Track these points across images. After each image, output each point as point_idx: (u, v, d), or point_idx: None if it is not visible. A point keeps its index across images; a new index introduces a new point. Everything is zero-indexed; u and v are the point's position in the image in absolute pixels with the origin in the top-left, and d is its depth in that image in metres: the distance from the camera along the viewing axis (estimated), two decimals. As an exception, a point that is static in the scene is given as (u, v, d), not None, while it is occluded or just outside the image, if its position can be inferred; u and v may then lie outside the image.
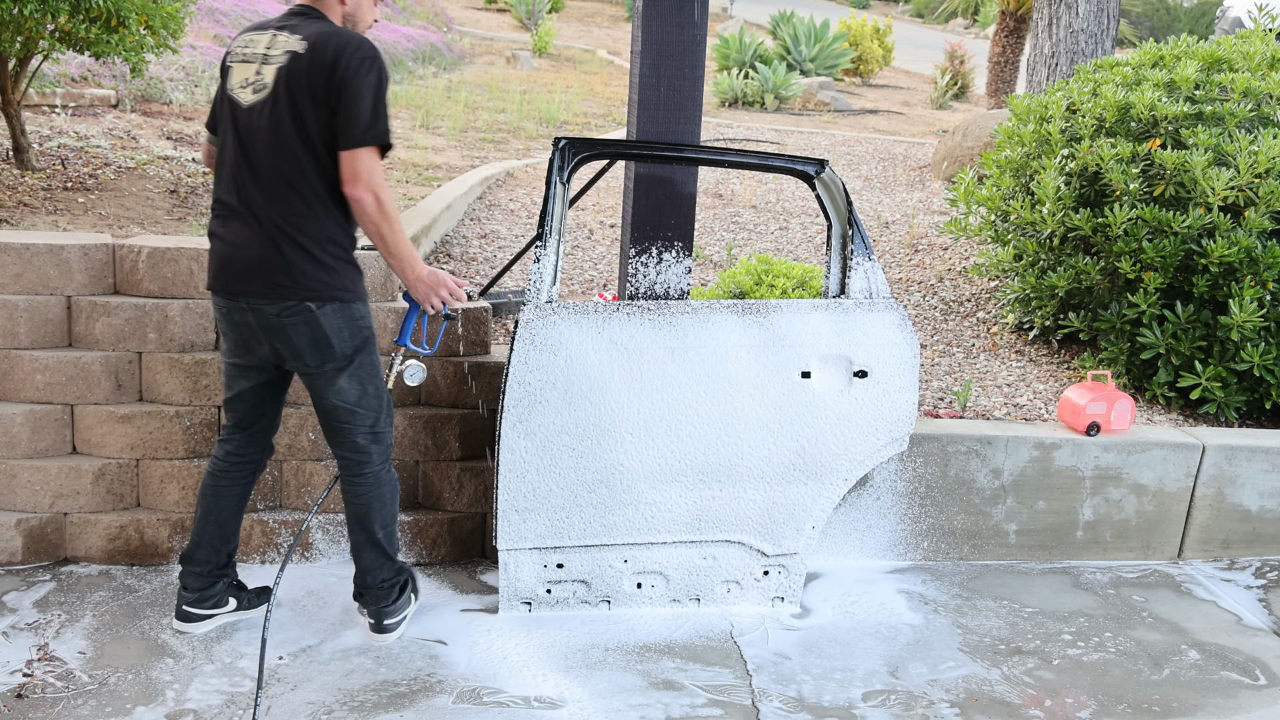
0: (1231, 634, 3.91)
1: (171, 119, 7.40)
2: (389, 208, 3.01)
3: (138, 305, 3.80)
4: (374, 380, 3.28)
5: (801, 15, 15.53)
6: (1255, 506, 4.44)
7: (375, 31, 12.93)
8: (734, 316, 3.60)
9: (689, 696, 3.31)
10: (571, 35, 18.79)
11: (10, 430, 3.75)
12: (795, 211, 7.32)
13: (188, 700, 3.14)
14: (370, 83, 2.97)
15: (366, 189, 2.98)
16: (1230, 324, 4.51)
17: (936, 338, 5.39)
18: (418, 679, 3.31)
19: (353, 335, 3.18)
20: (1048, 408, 4.66)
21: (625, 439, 3.54)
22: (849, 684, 3.44)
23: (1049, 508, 4.31)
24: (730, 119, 11.47)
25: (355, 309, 3.18)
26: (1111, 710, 3.39)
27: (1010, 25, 13.08)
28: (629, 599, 3.75)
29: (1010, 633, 3.82)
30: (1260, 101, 5.08)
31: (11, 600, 3.59)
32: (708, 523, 3.69)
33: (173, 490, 3.86)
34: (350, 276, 3.16)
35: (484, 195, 7.00)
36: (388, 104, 3.02)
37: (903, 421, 3.75)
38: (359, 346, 3.21)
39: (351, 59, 2.96)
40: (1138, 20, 23.95)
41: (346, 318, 3.15)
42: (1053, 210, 5.02)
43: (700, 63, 3.82)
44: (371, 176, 2.97)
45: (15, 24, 4.88)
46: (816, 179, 3.69)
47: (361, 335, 3.21)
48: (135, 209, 5.07)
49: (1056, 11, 8.37)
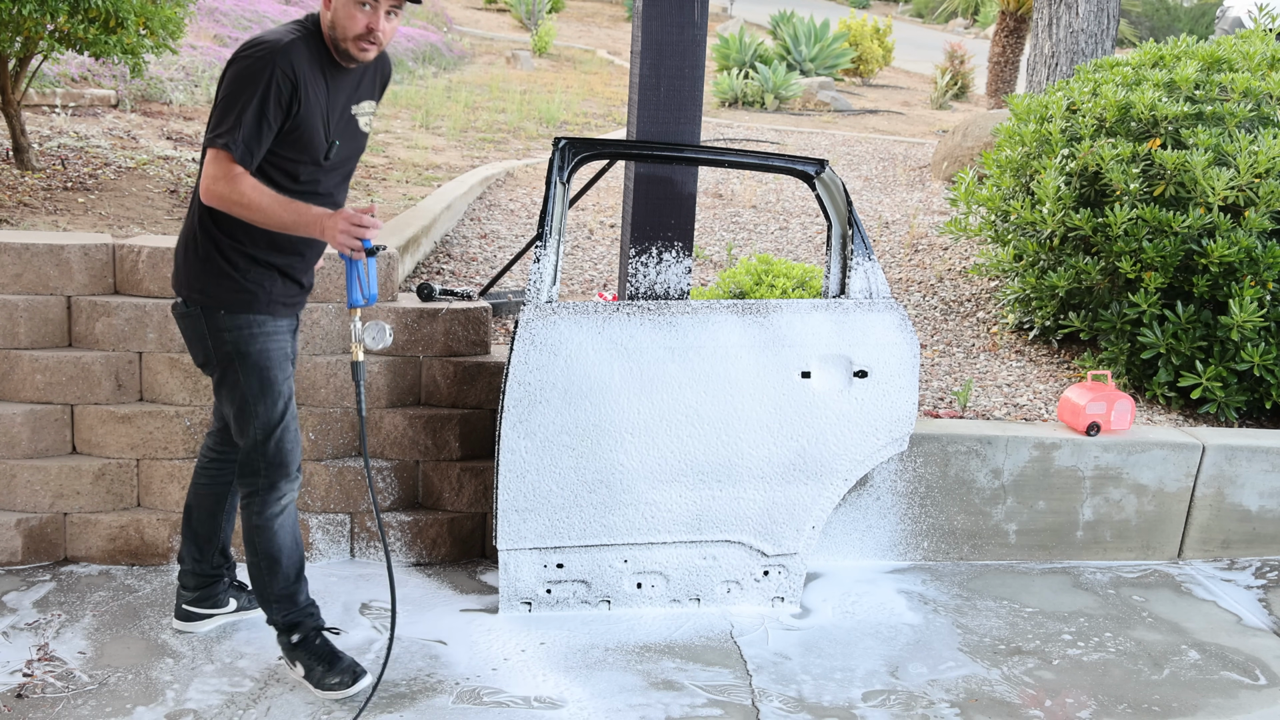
0: (1231, 634, 3.91)
1: (171, 119, 7.40)
2: (238, 198, 2.83)
3: (138, 305, 3.79)
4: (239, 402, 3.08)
5: (801, 15, 15.53)
6: (1255, 506, 4.44)
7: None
8: (734, 316, 3.60)
9: (689, 696, 3.31)
10: (571, 35, 18.79)
11: (10, 430, 3.75)
12: (795, 211, 7.32)
13: (188, 700, 3.14)
14: (228, 81, 2.86)
15: (205, 192, 2.87)
16: (1230, 324, 4.51)
17: (936, 338, 5.39)
18: (418, 679, 3.30)
19: (216, 344, 3.04)
20: (1048, 408, 4.66)
21: (625, 439, 3.53)
22: (849, 684, 3.44)
23: (1049, 508, 4.31)
24: (730, 119, 11.47)
25: (219, 317, 3.02)
26: (1111, 710, 3.39)
27: (1010, 25, 13.08)
28: (629, 599, 3.75)
29: (1010, 633, 3.82)
30: (1260, 101, 5.08)
31: (11, 600, 3.59)
32: (708, 523, 3.69)
33: (173, 490, 3.86)
34: (220, 283, 3.00)
35: (484, 195, 7.00)
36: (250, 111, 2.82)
37: (903, 421, 3.75)
38: (221, 359, 3.05)
39: (233, 60, 2.89)
40: (1138, 20, 23.96)
41: (210, 324, 3.03)
42: (1053, 210, 5.02)
43: (700, 63, 3.82)
44: (212, 182, 2.85)
45: (15, 24, 4.88)
46: (816, 179, 3.69)
47: (223, 348, 3.04)
48: (135, 209, 5.07)
49: (1056, 11, 8.37)
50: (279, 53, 2.84)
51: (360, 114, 3.13)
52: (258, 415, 3.07)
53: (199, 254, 3.01)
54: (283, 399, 3.10)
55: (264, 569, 3.18)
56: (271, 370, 3.07)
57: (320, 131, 2.97)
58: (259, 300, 3.04)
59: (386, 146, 7.73)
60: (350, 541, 4.00)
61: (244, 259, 3.01)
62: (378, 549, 4.01)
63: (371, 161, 7.04)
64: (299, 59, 2.87)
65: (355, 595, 3.77)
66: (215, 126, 2.85)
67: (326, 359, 3.91)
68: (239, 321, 3.02)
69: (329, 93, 2.98)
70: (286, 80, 2.84)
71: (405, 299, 4.07)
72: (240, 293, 3.01)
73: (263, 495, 3.12)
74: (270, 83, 2.82)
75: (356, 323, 3.08)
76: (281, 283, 3.08)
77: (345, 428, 3.96)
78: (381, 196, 6.01)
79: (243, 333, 3.03)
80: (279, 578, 3.19)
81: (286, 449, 3.12)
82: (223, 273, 3.00)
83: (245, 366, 3.04)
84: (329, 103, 2.99)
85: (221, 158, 2.84)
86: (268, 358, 3.06)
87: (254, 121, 2.83)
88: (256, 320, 3.04)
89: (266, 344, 3.06)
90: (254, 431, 3.08)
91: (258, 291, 3.03)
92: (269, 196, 2.86)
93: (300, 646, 3.22)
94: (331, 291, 3.90)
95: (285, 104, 2.86)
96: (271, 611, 3.23)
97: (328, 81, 2.97)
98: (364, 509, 3.97)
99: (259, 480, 3.12)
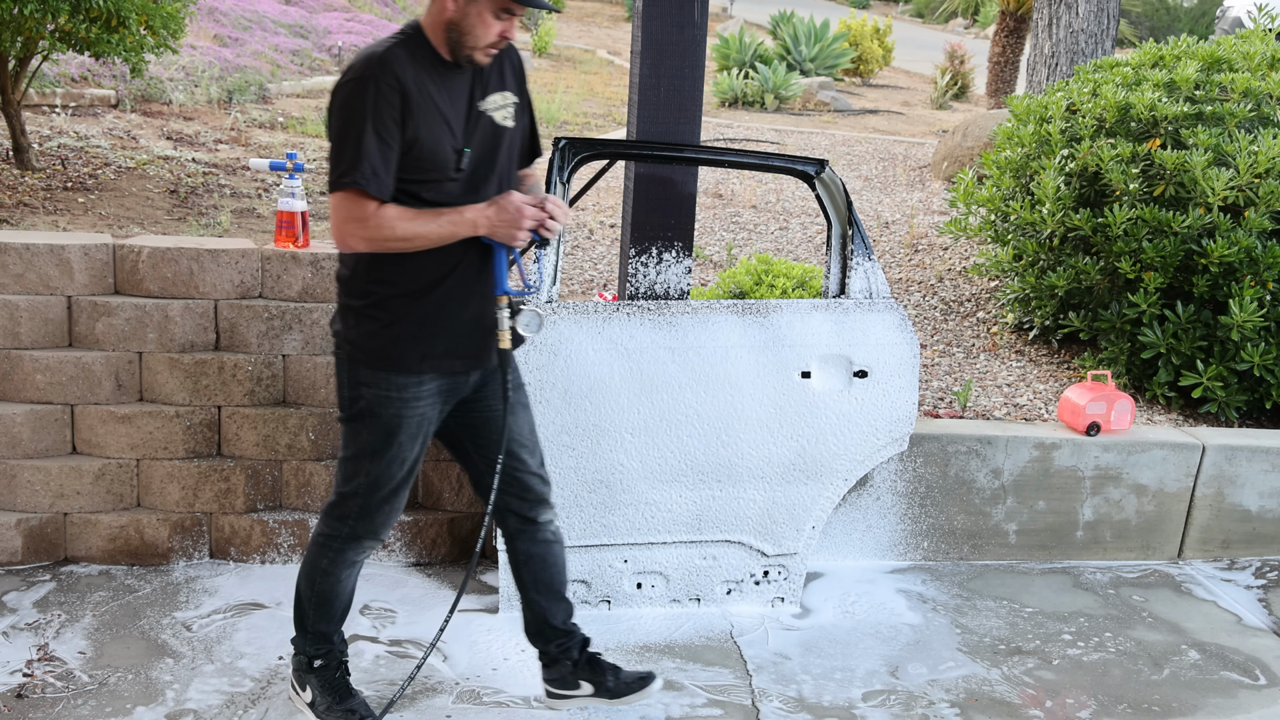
0: (1231, 634, 3.91)
1: (171, 119, 7.40)
2: (385, 237, 2.63)
3: (138, 305, 3.80)
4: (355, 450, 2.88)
5: (801, 15, 15.52)
6: (1255, 506, 4.44)
7: (375, 31, 12.92)
8: (734, 316, 3.60)
9: (689, 696, 3.31)
10: (571, 35, 18.78)
11: (11, 430, 3.75)
12: (795, 211, 7.32)
13: (188, 700, 3.14)
14: (334, 115, 2.62)
15: (342, 242, 2.67)
16: (1230, 324, 4.51)
17: (936, 338, 5.39)
18: (417, 679, 3.30)
19: (352, 396, 2.84)
20: (1048, 408, 4.66)
21: (625, 439, 3.53)
22: (849, 684, 3.44)
23: (1049, 508, 4.31)
24: (730, 119, 11.47)
25: (359, 370, 2.81)
26: (1111, 710, 3.39)
27: (1010, 25, 13.06)
28: (629, 599, 3.75)
29: (1010, 633, 3.82)
30: (1260, 101, 5.08)
31: (11, 600, 3.59)
32: (708, 523, 3.69)
33: (173, 490, 3.86)
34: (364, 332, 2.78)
35: (484, 195, 6.99)
36: (367, 138, 2.57)
37: (903, 421, 3.75)
38: (354, 411, 2.85)
39: (334, 91, 2.64)
40: (1138, 20, 23.95)
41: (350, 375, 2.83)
42: (1052, 210, 5.02)
43: (700, 63, 3.82)
44: (350, 227, 2.63)
45: (15, 24, 4.88)
46: (816, 179, 3.69)
47: (357, 403, 2.82)
48: (135, 209, 5.07)
49: (1056, 11, 8.37)
50: (376, 64, 2.59)
51: (492, 108, 2.79)
52: (369, 473, 2.86)
53: (354, 309, 2.79)
54: (404, 469, 2.87)
55: (313, 605, 3.03)
56: (399, 436, 2.82)
57: (444, 141, 2.68)
58: (406, 359, 2.77)
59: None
60: (350, 541, 3.99)
61: (388, 309, 2.75)
62: (377, 549, 4.00)
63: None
64: (401, 66, 2.60)
65: (355, 596, 3.76)
66: (334, 168, 2.60)
67: (326, 359, 3.91)
68: (378, 380, 2.78)
69: (447, 96, 2.69)
70: (392, 90, 2.58)
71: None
72: (383, 346, 2.77)
73: (341, 543, 2.94)
74: (377, 99, 2.56)
75: (504, 311, 2.81)
76: (433, 337, 2.78)
77: (345, 428, 3.95)
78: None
79: (379, 393, 2.79)
80: (324, 618, 3.05)
81: (384, 516, 2.93)
82: (375, 326, 2.76)
83: (374, 425, 2.82)
84: (450, 106, 2.69)
85: (350, 198, 2.59)
86: (399, 423, 2.81)
87: (374, 146, 2.57)
88: (397, 383, 2.79)
89: (403, 410, 2.80)
90: (359, 483, 2.87)
91: (405, 351, 2.77)
92: (412, 214, 2.64)
93: (316, 672, 3.07)
94: (331, 291, 3.90)
95: (398, 119, 2.59)
96: (303, 640, 3.08)
97: (440, 85, 2.68)
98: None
99: (343, 528, 2.93)
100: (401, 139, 2.61)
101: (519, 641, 3.52)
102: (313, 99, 9.43)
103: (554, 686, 3.19)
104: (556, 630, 3.15)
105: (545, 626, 3.16)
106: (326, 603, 3.03)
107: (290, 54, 10.69)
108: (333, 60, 11.49)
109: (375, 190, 2.59)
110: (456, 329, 2.80)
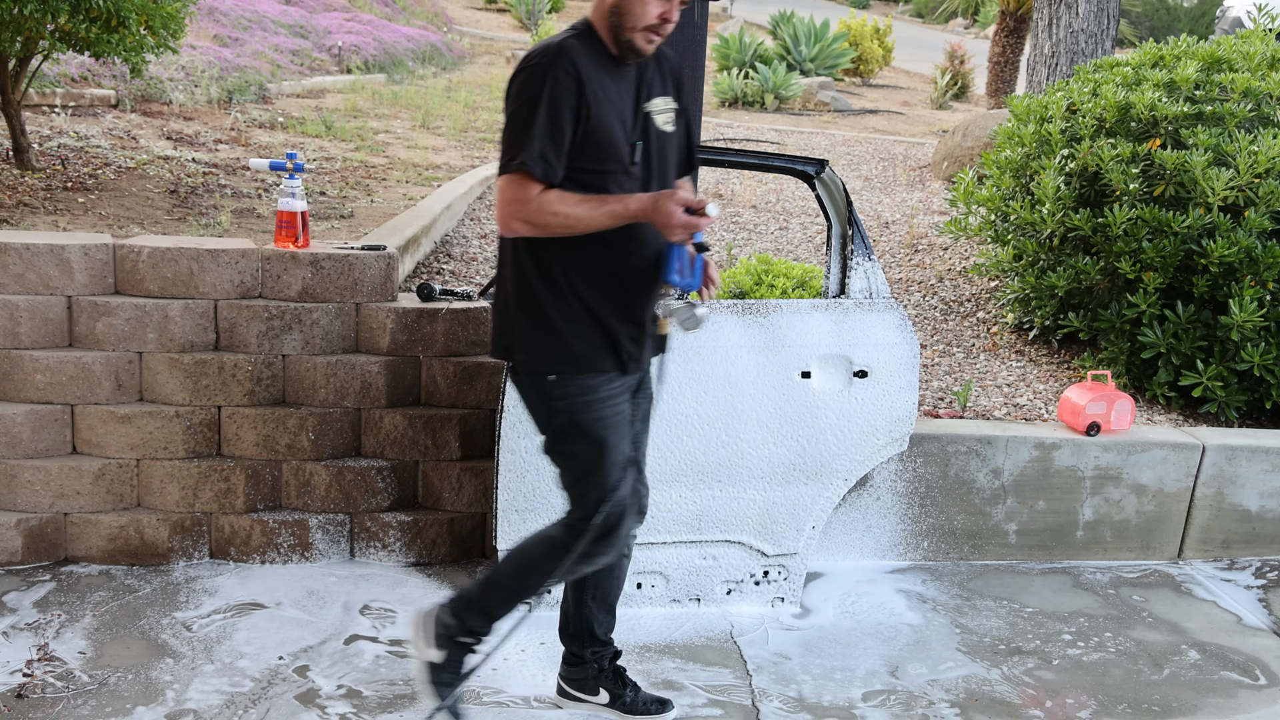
0: (1231, 634, 3.91)
1: (171, 119, 7.40)
2: (546, 221, 2.61)
3: (138, 305, 3.80)
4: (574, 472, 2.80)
5: (801, 15, 15.52)
6: (1255, 506, 4.44)
7: (375, 31, 12.92)
8: (734, 316, 3.60)
9: (689, 696, 3.31)
10: (571, 35, 18.75)
11: (11, 430, 3.75)
12: (795, 211, 7.32)
13: (188, 700, 3.14)
14: (510, 102, 2.63)
15: (506, 224, 2.65)
16: (1230, 324, 4.51)
17: (936, 338, 5.39)
18: (414, 678, 3.30)
19: (549, 414, 2.78)
20: (1048, 408, 4.66)
21: (625, 439, 3.53)
22: (849, 684, 3.44)
23: (1049, 508, 4.31)
24: (730, 119, 11.47)
25: (548, 384, 2.75)
26: (1111, 710, 3.39)
27: (1010, 25, 13.07)
28: (629, 599, 3.75)
29: (1010, 633, 3.82)
30: (1260, 101, 5.08)
31: (11, 600, 3.59)
32: (708, 523, 3.69)
33: (173, 490, 3.86)
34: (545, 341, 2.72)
35: (484, 195, 7.00)
36: (539, 122, 2.58)
37: (903, 421, 3.75)
38: (554, 429, 2.79)
39: (511, 77, 2.65)
40: (1138, 20, 23.94)
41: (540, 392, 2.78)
42: (1052, 210, 5.02)
43: (700, 63, 3.82)
44: (512, 209, 2.61)
45: (15, 24, 4.88)
46: (816, 179, 3.69)
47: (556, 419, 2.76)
48: (135, 209, 5.07)
49: (1056, 11, 8.37)
50: (554, 52, 2.61)
51: (656, 111, 2.79)
52: (591, 486, 2.77)
53: (521, 311, 2.74)
54: (619, 468, 2.77)
55: (502, 594, 2.92)
56: (609, 438, 2.76)
57: (619, 131, 2.68)
58: (592, 358, 2.73)
59: (386, 146, 7.73)
60: (350, 541, 4.00)
61: (568, 308, 2.71)
62: (377, 549, 4.01)
63: (371, 161, 7.04)
64: (579, 56, 2.62)
65: (355, 595, 3.77)
66: (505, 152, 2.62)
67: (326, 359, 3.91)
68: (569, 388, 2.73)
69: (616, 91, 2.70)
70: (569, 78, 2.58)
71: (405, 299, 4.07)
72: (568, 352, 2.72)
73: (574, 554, 2.80)
74: (554, 86, 2.57)
75: (671, 299, 2.76)
76: (616, 332, 2.75)
77: (345, 428, 3.96)
78: (382, 196, 6.01)
79: (574, 400, 2.73)
80: (505, 605, 2.94)
81: (624, 528, 2.82)
82: (545, 331, 2.72)
83: (578, 436, 2.75)
84: (620, 101, 2.70)
85: (516, 180, 2.59)
86: (604, 426, 2.75)
87: (545, 131, 2.57)
88: (589, 385, 2.73)
89: (602, 411, 2.74)
90: (590, 501, 2.77)
91: (588, 348, 2.73)
92: (575, 199, 2.61)
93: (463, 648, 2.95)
94: (331, 291, 3.90)
95: (574, 106, 2.59)
96: (464, 613, 2.94)
97: (610, 79, 2.69)
98: (364, 509, 3.97)
99: (581, 543, 2.80)
100: (575, 127, 2.61)
101: (519, 641, 3.52)
102: (313, 99, 9.43)
103: (571, 686, 3.19)
104: (597, 640, 3.14)
105: (588, 634, 3.12)
106: (516, 596, 2.92)
107: (290, 54, 10.70)
108: (333, 60, 11.49)
109: (541, 173, 2.59)
110: (632, 324, 2.78)
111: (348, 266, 3.91)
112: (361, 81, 10.85)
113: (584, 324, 2.72)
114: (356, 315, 3.96)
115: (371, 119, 8.88)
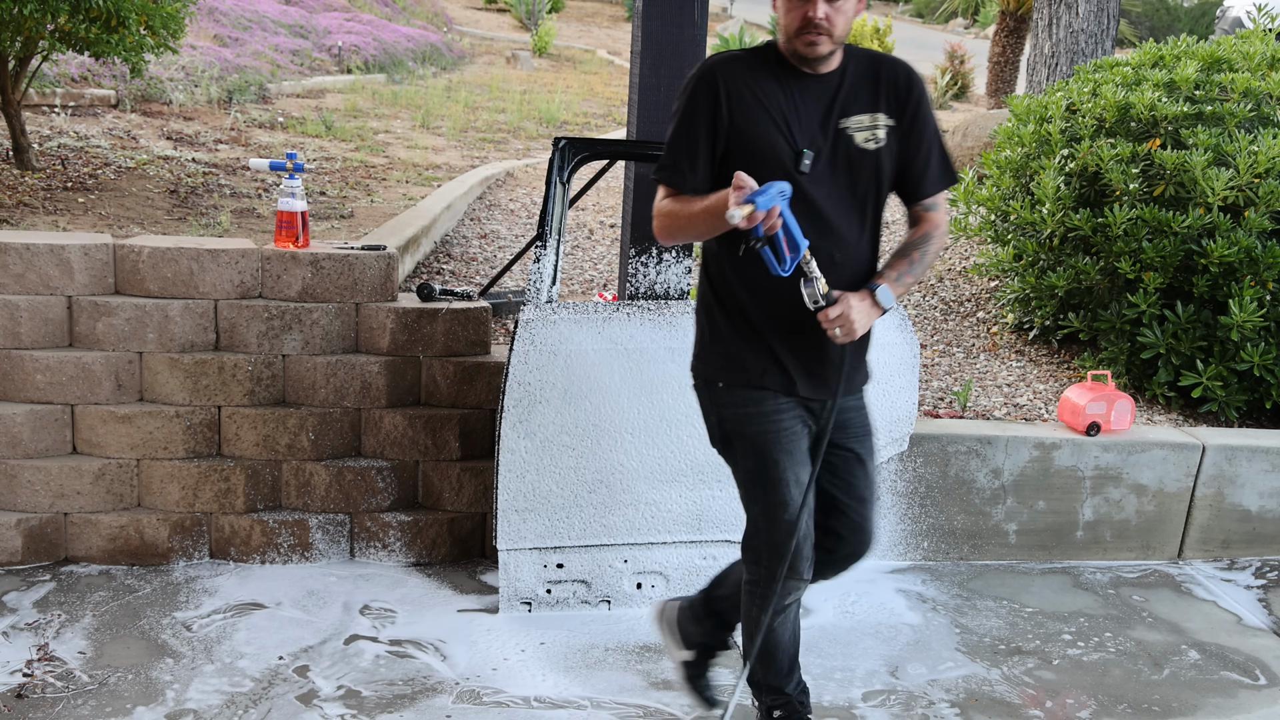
0: (1231, 634, 3.91)
1: (171, 119, 7.40)
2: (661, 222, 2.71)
3: (138, 305, 3.80)
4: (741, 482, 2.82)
5: (801, 15, 15.50)
6: (1255, 506, 4.44)
7: (375, 31, 12.92)
8: (734, 316, 3.59)
9: (689, 696, 3.31)
10: (571, 35, 18.79)
11: (11, 430, 3.75)
12: (795, 211, 7.31)
13: (188, 700, 3.14)
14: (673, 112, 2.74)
15: (655, 232, 2.75)
16: (1230, 324, 4.51)
17: (936, 338, 5.39)
18: (417, 679, 3.31)
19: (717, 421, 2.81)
20: (1048, 408, 4.66)
21: (625, 439, 3.54)
22: (849, 684, 3.44)
23: (1049, 508, 4.31)
24: (730, 119, 11.46)
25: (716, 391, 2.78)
26: (1111, 710, 3.39)
27: (1010, 25, 13.07)
28: (629, 599, 3.75)
29: (1010, 633, 3.82)
30: (1260, 101, 5.08)
31: (11, 600, 3.59)
32: (708, 523, 3.69)
33: (173, 490, 3.86)
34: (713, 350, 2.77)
35: (484, 195, 7.00)
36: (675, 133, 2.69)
37: (903, 421, 3.75)
38: (721, 438, 2.82)
39: None
40: (1138, 20, 23.94)
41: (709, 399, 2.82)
42: (1052, 210, 5.02)
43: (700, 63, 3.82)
44: (654, 218, 2.72)
45: (15, 24, 4.89)
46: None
47: (721, 427, 2.79)
48: (135, 209, 5.07)
49: (1056, 11, 8.37)
50: (701, 69, 2.71)
51: (855, 127, 2.70)
52: (756, 501, 2.78)
53: (702, 317, 2.82)
54: (786, 486, 2.73)
55: (759, 662, 2.91)
56: (772, 453, 2.73)
57: (778, 137, 2.63)
58: (750, 371, 2.73)
59: (386, 146, 7.73)
60: (350, 541, 4.00)
61: (732, 321, 2.74)
62: (377, 549, 4.01)
63: (371, 161, 7.05)
64: (728, 69, 2.66)
65: (355, 595, 3.77)
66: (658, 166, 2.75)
67: (326, 359, 3.91)
68: (734, 398, 2.75)
69: (792, 100, 2.65)
70: (707, 88, 2.65)
71: (405, 299, 4.07)
72: (729, 361, 2.75)
73: (764, 588, 2.79)
74: (691, 98, 2.67)
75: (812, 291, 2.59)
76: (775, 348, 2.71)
77: (345, 428, 3.96)
78: (382, 196, 6.01)
79: (737, 410, 2.75)
80: (772, 671, 2.93)
81: (795, 547, 2.75)
82: (716, 339, 2.77)
83: (744, 448, 2.77)
84: (794, 110, 2.65)
85: (659, 192, 2.73)
86: (766, 440, 2.73)
87: (679, 141, 2.68)
88: (751, 397, 2.73)
89: (765, 425, 2.72)
90: (755, 514, 2.79)
91: (747, 360, 2.72)
92: (684, 198, 2.67)
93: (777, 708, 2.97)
94: (331, 291, 3.90)
95: (710, 115, 2.64)
96: (760, 697, 2.99)
97: (786, 89, 2.66)
98: (364, 509, 3.97)
99: (759, 569, 2.79)
100: (714, 135, 2.66)
101: (519, 641, 3.52)
102: (312, 99, 9.44)
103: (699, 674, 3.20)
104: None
105: None
106: (770, 657, 2.91)
107: (290, 54, 10.70)
108: (333, 60, 11.49)
109: (667, 179, 2.70)
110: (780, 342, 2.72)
111: (348, 266, 3.91)
112: (361, 81, 10.85)
113: (747, 336, 2.74)
114: (356, 315, 3.96)
115: (371, 119, 8.88)
